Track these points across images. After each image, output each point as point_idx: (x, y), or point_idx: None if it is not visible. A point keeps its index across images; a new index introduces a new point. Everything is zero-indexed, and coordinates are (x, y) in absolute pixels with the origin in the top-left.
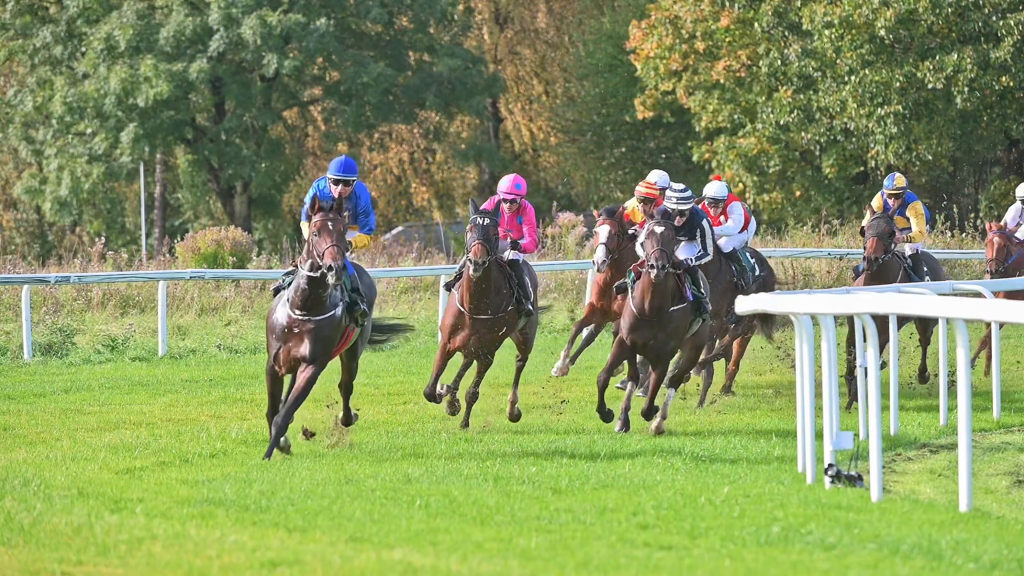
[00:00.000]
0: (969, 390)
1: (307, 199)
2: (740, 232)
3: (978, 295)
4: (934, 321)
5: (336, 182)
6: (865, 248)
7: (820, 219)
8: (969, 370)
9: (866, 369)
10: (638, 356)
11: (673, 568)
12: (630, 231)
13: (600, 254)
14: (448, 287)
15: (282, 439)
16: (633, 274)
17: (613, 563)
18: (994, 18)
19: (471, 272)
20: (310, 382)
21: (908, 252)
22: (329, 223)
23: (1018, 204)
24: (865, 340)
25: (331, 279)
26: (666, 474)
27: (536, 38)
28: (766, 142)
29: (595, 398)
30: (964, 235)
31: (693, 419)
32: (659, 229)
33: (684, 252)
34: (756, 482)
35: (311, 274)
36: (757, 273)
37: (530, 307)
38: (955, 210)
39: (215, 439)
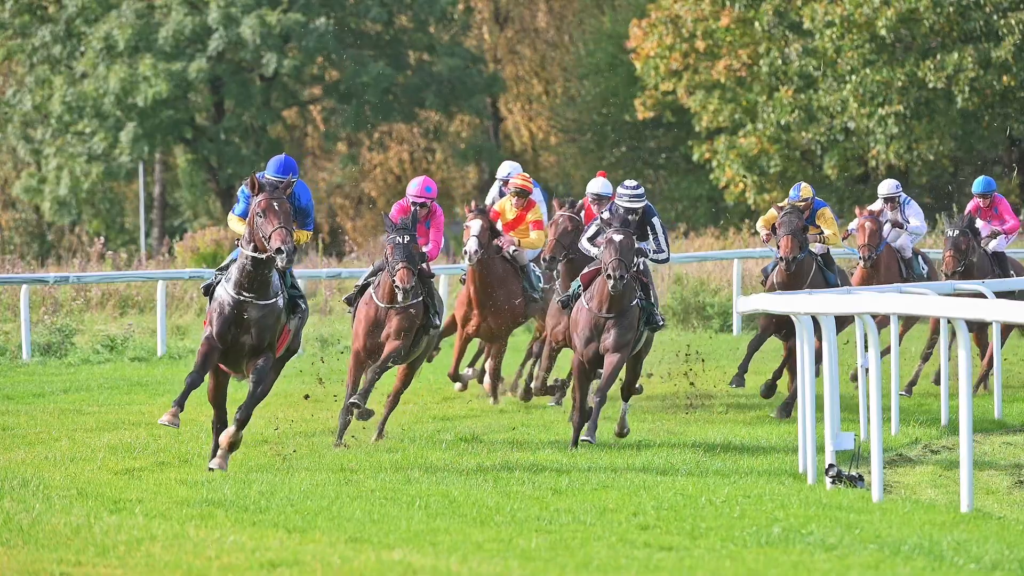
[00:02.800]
0: (970, 390)
1: (240, 194)
2: None
3: (979, 295)
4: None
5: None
6: (779, 247)
7: None
8: (970, 371)
9: (867, 369)
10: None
11: (673, 569)
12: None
13: (473, 244)
14: (349, 302)
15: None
16: (581, 283)
17: (613, 564)
18: (995, 17)
19: (400, 299)
20: (263, 377)
21: (819, 250)
22: (275, 203)
23: (880, 203)
24: (866, 340)
25: (281, 263)
26: (666, 475)
27: (536, 37)
28: (767, 142)
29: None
30: None
31: (693, 420)
32: (618, 237)
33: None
34: (756, 483)
35: (255, 255)
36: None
37: (437, 322)
38: (956, 210)
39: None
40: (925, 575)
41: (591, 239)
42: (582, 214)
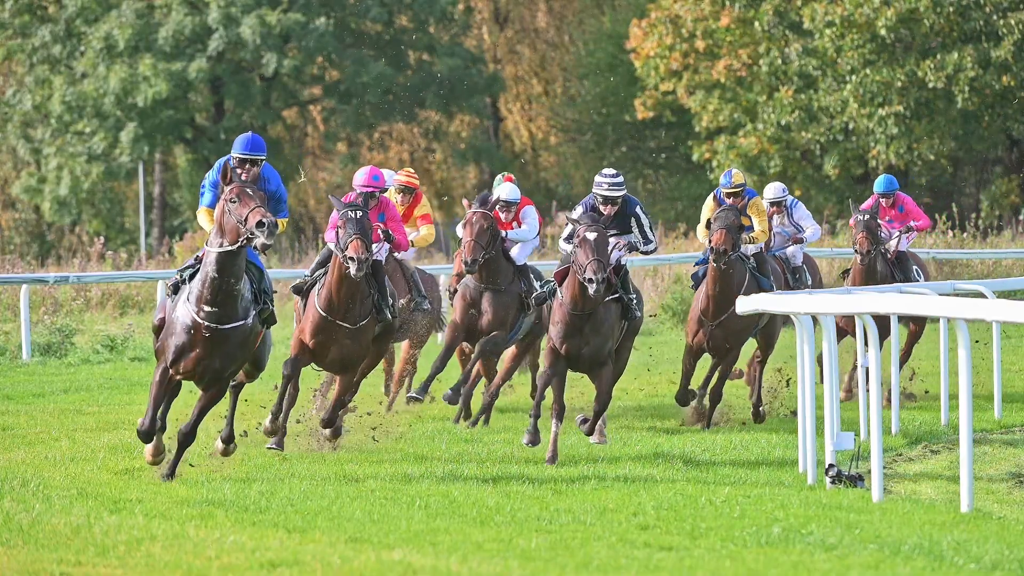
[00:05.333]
0: (970, 390)
1: (206, 183)
2: (534, 239)
3: (979, 295)
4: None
5: (242, 161)
6: (711, 240)
7: (821, 219)
8: (970, 371)
9: (867, 369)
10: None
11: (673, 569)
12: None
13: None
14: (298, 291)
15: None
16: (555, 281)
17: (613, 564)
18: (995, 17)
19: (354, 271)
20: (218, 395)
21: (751, 251)
22: (248, 188)
23: (767, 206)
24: (866, 340)
25: (262, 237)
26: (666, 474)
27: (536, 37)
28: (767, 142)
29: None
30: (965, 235)
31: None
32: (591, 235)
33: (624, 239)
34: (757, 483)
35: (227, 248)
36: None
37: (389, 315)
38: (955, 210)
39: (214, 439)
40: (925, 575)
41: (568, 239)
42: (494, 210)
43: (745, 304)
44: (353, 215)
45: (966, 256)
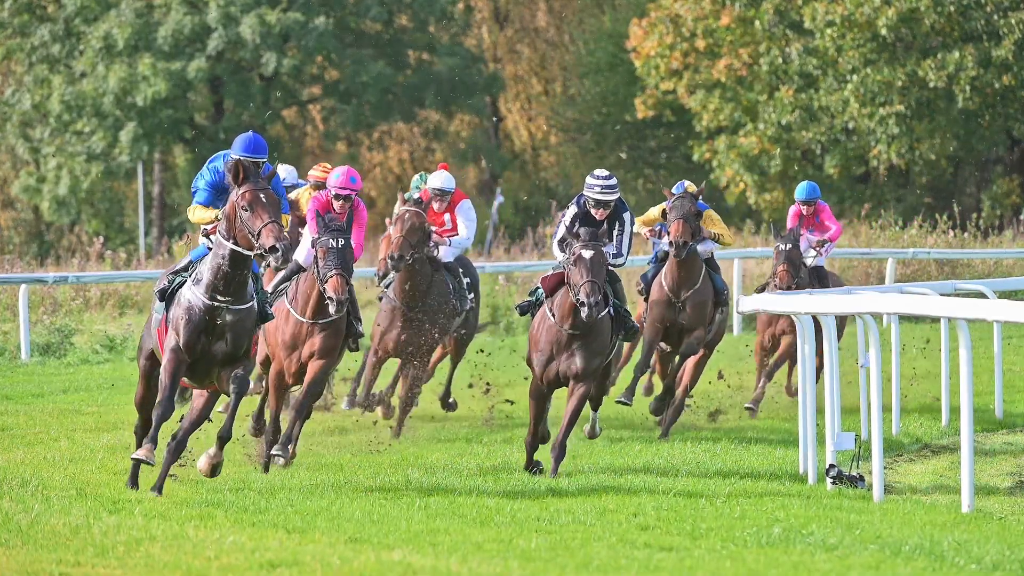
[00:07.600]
0: (971, 390)
1: (200, 183)
2: (467, 239)
3: (980, 295)
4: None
5: None
6: (670, 231)
7: None
8: (971, 371)
9: (868, 369)
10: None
11: (674, 569)
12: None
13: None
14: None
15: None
16: (543, 290)
17: (613, 564)
18: (996, 16)
19: (332, 311)
20: (245, 379)
21: (704, 251)
22: (261, 195)
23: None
24: (867, 340)
25: (276, 262)
26: (666, 475)
27: (536, 37)
28: (767, 141)
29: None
30: (966, 235)
31: (694, 420)
32: (588, 254)
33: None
34: (757, 483)
35: (239, 249)
36: (470, 295)
37: (360, 329)
38: (956, 210)
39: (214, 440)
40: (926, 575)
41: (561, 243)
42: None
43: (745, 304)
44: (335, 244)
45: (967, 256)
